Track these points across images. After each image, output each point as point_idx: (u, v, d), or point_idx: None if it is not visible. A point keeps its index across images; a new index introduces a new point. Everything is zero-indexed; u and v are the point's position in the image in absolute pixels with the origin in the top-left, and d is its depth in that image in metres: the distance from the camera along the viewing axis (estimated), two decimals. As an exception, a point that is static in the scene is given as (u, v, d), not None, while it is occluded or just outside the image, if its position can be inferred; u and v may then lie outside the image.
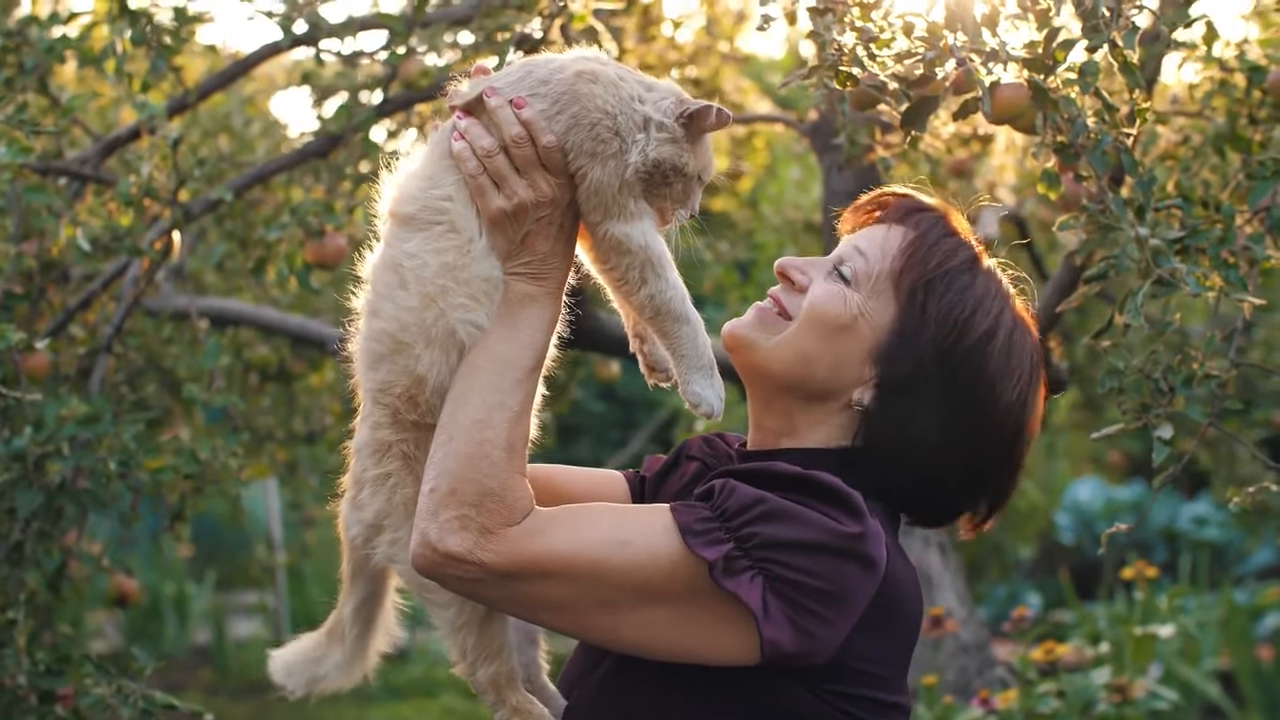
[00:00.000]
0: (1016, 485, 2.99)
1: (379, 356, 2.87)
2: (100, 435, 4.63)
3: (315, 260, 5.27)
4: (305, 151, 5.62)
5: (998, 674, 6.81)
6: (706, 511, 2.68)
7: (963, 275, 2.88)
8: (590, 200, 2.81)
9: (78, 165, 5.43)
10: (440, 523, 2.69)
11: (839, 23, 3.42)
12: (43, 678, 4.59)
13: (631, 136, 2.79)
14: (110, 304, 5.67)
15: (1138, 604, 6.61)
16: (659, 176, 2.81)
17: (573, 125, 2.79)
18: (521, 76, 2.84)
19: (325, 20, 5.49)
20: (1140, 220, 3.59)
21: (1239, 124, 4.42)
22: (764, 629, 2.60)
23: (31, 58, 4.89)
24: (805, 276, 2.93)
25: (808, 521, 2.63)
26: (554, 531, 2.71)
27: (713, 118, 2.83)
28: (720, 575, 2.61)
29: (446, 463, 2.72)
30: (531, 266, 2.83)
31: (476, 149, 2.80)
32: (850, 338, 2.87)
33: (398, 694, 11.94)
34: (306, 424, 9.36)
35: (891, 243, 2.92)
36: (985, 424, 2.86)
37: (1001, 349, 2.85)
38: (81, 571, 5.36)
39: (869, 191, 3.07)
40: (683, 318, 2.85)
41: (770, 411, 2.97)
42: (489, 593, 2.75)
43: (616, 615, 2.71)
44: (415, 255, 2.82)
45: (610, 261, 2.85)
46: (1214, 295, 3.65)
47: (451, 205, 2.82)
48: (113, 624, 13.05)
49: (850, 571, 2.64)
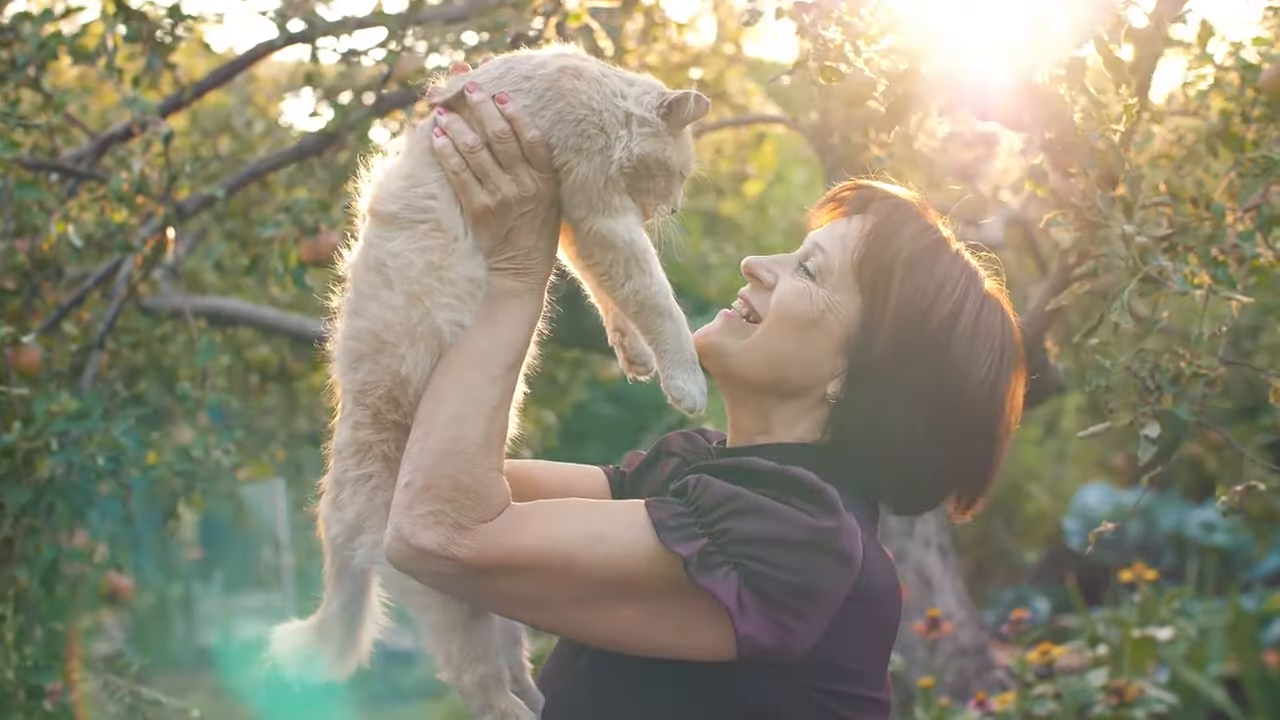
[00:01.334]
0: (997, 468, 2.96)
1: (360, 356, 2.85)
2: (89, 432, 4.63)
3: (310, 258, 5.27)
4: (300, 149, 5.63)
5: (997, 677, 6.81)
6: (681, 507, 2.67)
7: (924, 258, 2.86)
8: (575, 196, 2.80)
9: (72, 163, 5.43)
10: (414, 517, 2.68)
11: (825, 18, 3.41)
12: (30, 673, 4.59)
13: (615, 132, 2.79)
14: (104, 301, 5.66)
15: (1135, 607, 6.59)
16: (643, 171, 2.80)
17: (557, 121, 2.78)
18: (503, 73, 2.83)
19: (321, 18, 5.48)
20: (1128, 218, 3.58)
21: (1233, 123, 4.40)
22: (739, 625, 2.59)
23: (24, 54, 4.88)
24: (772, 275, 2.93)
25: (782, 517, 2.62)
26: (528, 527, 2.70)
27: (691, 104, 2.82)
28: (695, 571, 2.60)
29: (422, 458, 2.71)
30: (515, 262, 2.82)
31: (459, 145, 2.79)
32: (819, 332, 2.86)
33: (403, 696, 11.93)
34: (311, 424, 9.37)
35: (852, 233, 2.91)
36: (957, 408, 2.84)
37: (965, 331, 2.83)
38: (78, 570, 5.36)
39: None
40: (666, 313, 2.84)
41: (745, 411, 2.96)
42: (463, 587, 2.74)
43: (592, 610, 2.71)
44: (399, 254, 2.80)
45: (594, 257, 2.84)
46: (1201, 293, 3.63)
47: (435, 204, 2.81)
48: (118, 624, 13.05)
49: (825, 566, 2.63)
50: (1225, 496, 3.74)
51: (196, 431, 5.25)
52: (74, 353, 5.58)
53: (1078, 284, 3.88)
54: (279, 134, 8.02)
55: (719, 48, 8.13)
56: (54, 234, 4.98)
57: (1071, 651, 7.10)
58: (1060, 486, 13.96)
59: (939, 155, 5.56)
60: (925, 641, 6.42)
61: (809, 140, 6.71)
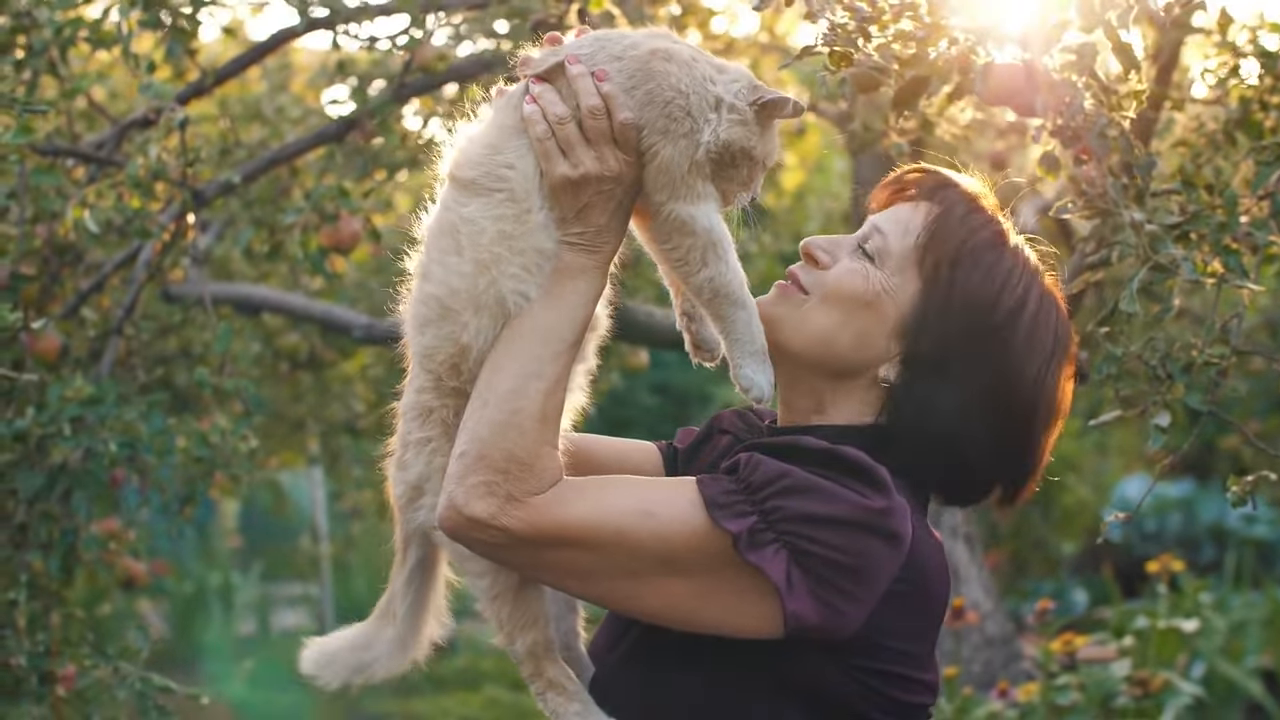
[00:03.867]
0: (1041, 462, 2.97)
1: (426, 320, 2.88)
2: (103, 417, 4.64)
3: (330, 244, 5.28)
4: (321, 136, 5.63)
5: (1024, 668, 6.79)
6: (731, 485, 2.69)
7: (988, 252, 2.88)
8: (659, 179, 2.81)
9: (91, 149, 5.45)
10: (467, 487, 2.70)
11: (835, 3, 3.38)
12: (42, 658, 4.61)
13: (704, 116, 2.80)
14: (124, 287, 5.68)
15: (1163, 599, 6.56)
16: (727, 158, 2.82)
17: (647, 102, 2.79)
18: (595, 50, 2.84)
19: (343, 4, 5.48)
20: (1139, 205, 3.55)
21: (1252, 110, 4.37)
22: (787, 602, 2.61)
23: (41, 39, 4.89)
24: (829, 256, 2.95)
25: (833, 496, 2.64)
26: (579, 501, 2.72)
27: (789, 109, 2.85)
28: (744, 548, 2.62)
29: (479, 429, 2.74)
30: (585, 238, 2.83)
31: (549, 114, 2.80)
32: (873, 314, 2.88)
33: (441, 685, 11.94)
34: (345, 412, 9.38)
35: (915, 219, 2.93)
36: (1010, 400, 2.85)
37: (1027, 326, 2.86)
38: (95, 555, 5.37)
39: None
40: (740, 302, 2.84)
41: (798, 390, 2.97)
42: (513, 557, 2.77)
43: (641, 585, 2.73)
44: (473, 220, 2.82)
45: (672, 241, 2.84)
46: (1212, 282, 3.60)
47: (513, 174, 2.82)
48: (157, 613, 13.11)
49: (875, 546, 2.65)
50: (1236, 487, 3.71)
51: (228, 418, 5.26)
52: (93, 339, 5.60)
53: (1089, 272, 3.86)
54: (313, 121, 8.02)
55: (754, 36, 8.13)
56: (70, 219, 4.99)
57: (1097, 643, 7.08)
58: (1101, 478, 13.89)
59: (961, 143, 5.51)
60: (952, 631, 6.41)
61: (836, 127, 6.70)
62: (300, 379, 9.06)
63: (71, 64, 5.51)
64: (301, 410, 9.19)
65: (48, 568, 4.83)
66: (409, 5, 5.41)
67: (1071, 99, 3.36)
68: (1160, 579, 6.87)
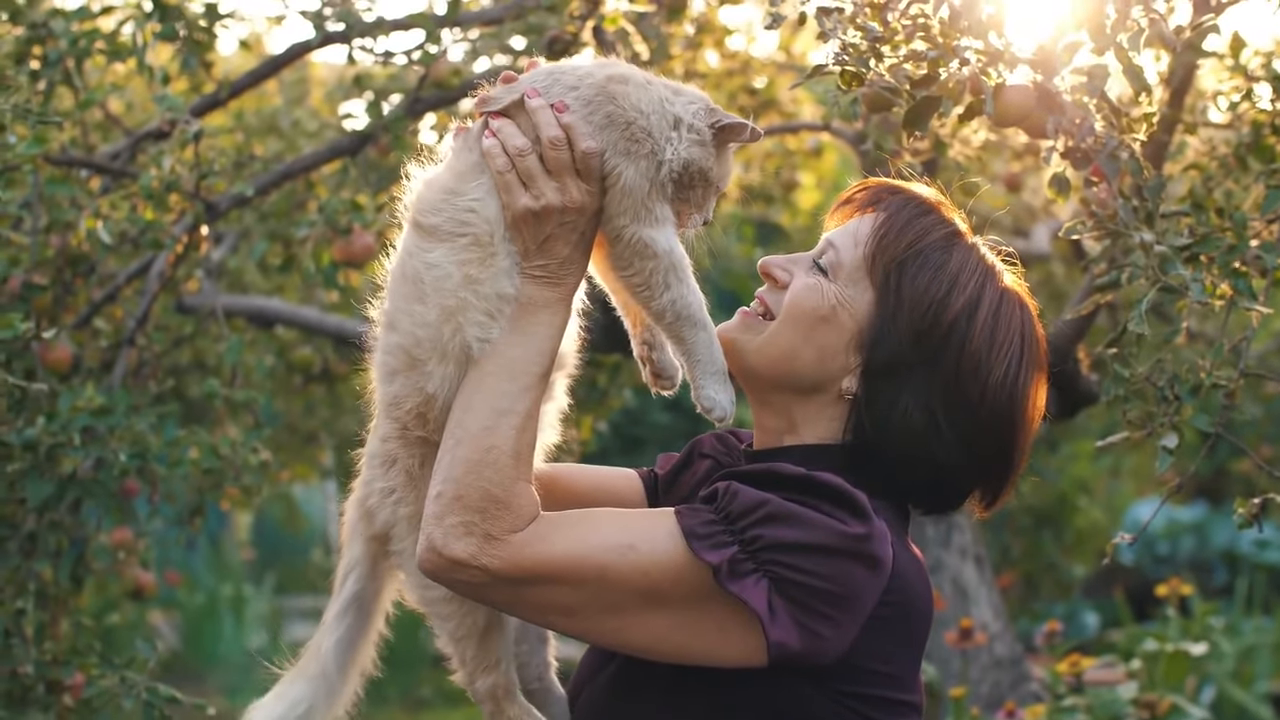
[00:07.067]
0: (1020, 465, 2.96)
1: (394, 370, 2.87)
2: (113, 427, 4.65)
3: (343, 258, 5.29)
4: (334, 149, 5.65)
5: (1032, 689, 6.77)
6: (710, 515, 2.68)
7: (936, 253, 2.87)
8: (622, 201, 2.81)
9: (107, 160, 5.47)
10: (445, 528, 2.70)
11: (847, 22, 3.39)
12: (50, 667, 4.62)
13: (664, 135, 2.81)
14: (136, 298, 5.70)
15: (1172, 622, 6.55)
16: (685, 179, 2.83)
17: (607, 124, 2.80)
18: (550, 84, 2.84)
19: (359, 18, 5.49)
20: (1149, 226, 3.56)
21: (1263, 134, 4.37)
22: (770, 631, 2.61)
23: (56, 50, 4.90)
24: (787, 274, 2.94)
25: (812, 523, 2.63)
26: (558, 537, 2.72)
27: (746, 134, 2.87)
28: (725, 579, 2.62)
29: (453, 469, 2.73)
30: (548, 270, 2.83)
31: (508, 147, 2.80)
32: (831, 328, 2.87)
33: (450, 700, 11.94)
34: (358, 426, 9.38)
35: (864, 229, 2.92)
36: (978, 403, 2.84)
37: (984, 325, 2.84)
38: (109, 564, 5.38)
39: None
40: (701, 323, 2.86)
41: (768, 410, 2.97)
42: (495, 596, 2.77)
43: (623, 619, 2.72)
44: (437, 265, 2.81)
45: (634, 266, 2.84)
46: (1221, 304, 3.60)
47: (475, 218, 2.81)
48: (170, 625, 13.13)
49: (856, 572, 2.64)
50: (1243, 509, 3.71)
51: (240, 430, 5.27)
52: (105, 349, 5.61)
53: (1099, 293, 3.86)
54: (329, 135, 8.03)
55: (771, 55, 8.14)
56: (84, 230, 5.01)
57: (1105, 665, 7.08)
58: (1114, 501, 13.88)
59: (975, 164, 5.51)
60: (960, 652, 6.40)
61: (854, 148, 6.71)
62: (313, 392, 9.06)
63: (87, 75, 5.52)
64: (314, 424, 9.19)
65: (56, 577, 4.85)
66: (424, 20, 5.42)
67: (1082, 121, 3.37)
68: (1170, 603, 6.86)
